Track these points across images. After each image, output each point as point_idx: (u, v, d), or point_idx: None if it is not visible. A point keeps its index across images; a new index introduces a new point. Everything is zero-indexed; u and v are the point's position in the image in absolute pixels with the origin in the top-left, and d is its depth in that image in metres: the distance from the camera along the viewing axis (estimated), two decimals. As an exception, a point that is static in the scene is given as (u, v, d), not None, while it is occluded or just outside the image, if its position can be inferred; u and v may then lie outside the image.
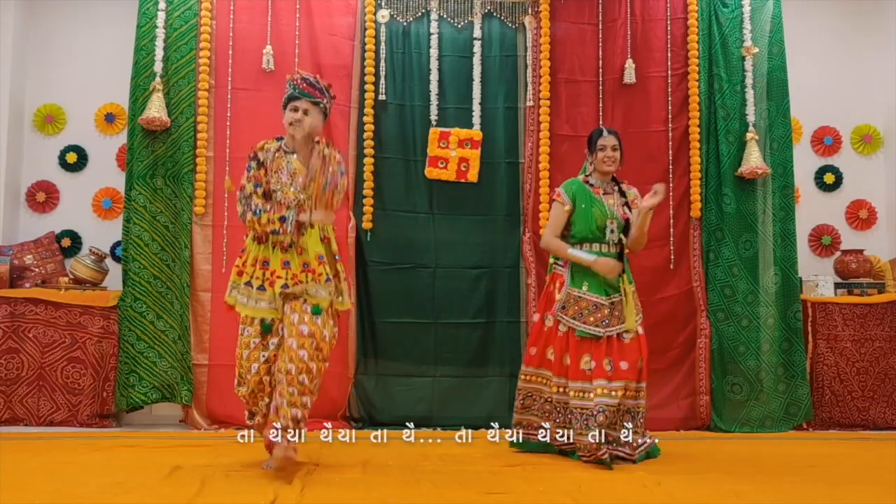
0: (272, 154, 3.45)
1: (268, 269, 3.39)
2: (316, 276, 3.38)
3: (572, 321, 3.85)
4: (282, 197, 3.39)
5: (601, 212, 3.92)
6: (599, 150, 4.00)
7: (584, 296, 3.86)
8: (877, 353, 5.17)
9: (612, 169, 4.01)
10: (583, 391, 3.78)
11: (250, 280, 3.41)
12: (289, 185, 3.39)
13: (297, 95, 3.42)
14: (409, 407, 4.89)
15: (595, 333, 3.80)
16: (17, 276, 5.03)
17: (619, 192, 4.04)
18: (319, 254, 3.42)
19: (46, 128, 5.47)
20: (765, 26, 5.31)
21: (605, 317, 3.82)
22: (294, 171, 3.41)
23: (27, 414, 4.79)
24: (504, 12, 5.36)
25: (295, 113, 3.42)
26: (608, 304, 3.84)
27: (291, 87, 3.46)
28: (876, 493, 3.24)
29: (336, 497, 3.02)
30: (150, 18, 5.03)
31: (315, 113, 3.43)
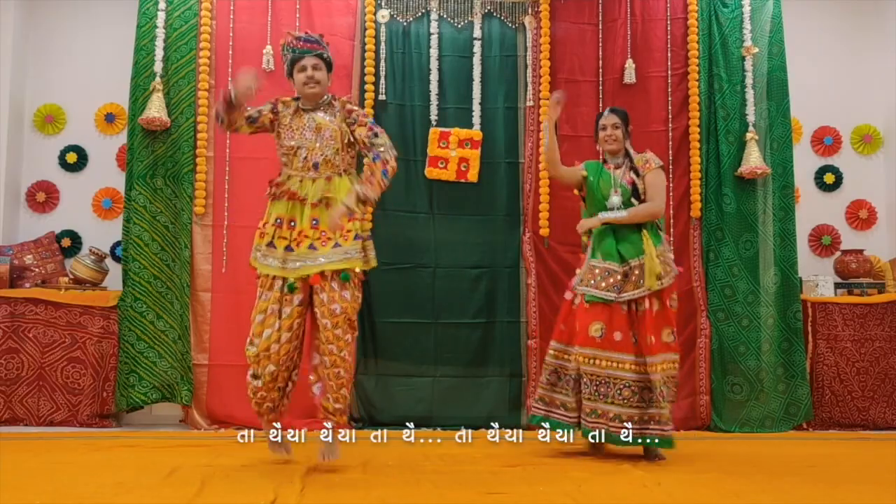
0: (291, 111, 3.46)
1: (294, 228, 3.36)
2: (345, 233, 3.34)
3: (585, 288, 3.92)
4: (307, 154, 3.38)
5: (605, 182, 4.02)
6: (601, 130, 4.11)
7: (599, 264, 3.93)
8: (877, 353, 5.18)
9: (614, 147, 4.08)
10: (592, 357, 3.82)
11: (272, 241, 3.38)
12: (314, 140, 3.39)
13: (301, 55, 3.43)
14: (409, 407, 4.89)
15: (605, 298, 3.84)
16: (17, 276, 5.03)
17: (629, 161, 4.08)
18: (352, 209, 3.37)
19: (46, 128, 5.47)
20: (765, 26, 5.31)
21: (618, 283, 3.86)
22: (317, 125, 3.41)
23: (27, 414, 4.79)
24: (504, 12, 5.36)
25: (304, 73, 3.42)
26: (622, 270, 3.88)
27: (290, 50, 3.46)
28: (876, 493, 3.24)
29: (336, 497, 3.02)
30: (150, 18, 5.03)
31: (322, 67, 3.45)
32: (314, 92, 3.44)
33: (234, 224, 4.94)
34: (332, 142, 3.41)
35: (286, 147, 3.45)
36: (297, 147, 3.41)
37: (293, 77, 3.49)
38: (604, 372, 3.82)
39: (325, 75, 3.48)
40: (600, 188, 4.02)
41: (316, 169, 3.40)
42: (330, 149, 3.40)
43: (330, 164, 3.40)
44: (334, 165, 3.41)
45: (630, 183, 3.99)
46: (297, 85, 3.47)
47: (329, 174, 3.41)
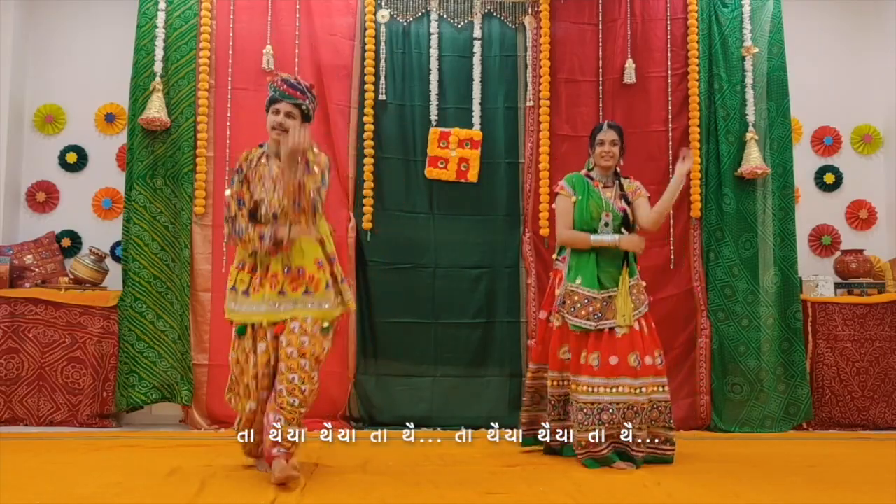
0: (255, 161, 3.38)
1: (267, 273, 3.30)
2: (315, 283, 3.30)
3: (567, 315, 3.85)
4: (267, 207, 3.29)
5: (597, 204, 3.92)
6: (598, 145, 4.00)
7: (578, 290, 3.84)
8: (877, 353, 5.17)
9: (610, 164, 4.00)
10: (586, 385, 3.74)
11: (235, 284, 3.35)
12: (272, 191, 3.29)
13: (279, 98, 3.33)
14: (409, 407, 4.89)
15: (585, 327, 3.79)
16: (17, 276, 5.03)
17: (618, 185, 4.02)
18: (318, 259, 3.34)
19: (46, 128, 5.47)
20: (765, 26, 5.31)
21: (598, 310, 3.79)
22: (276, 176, 3.29)
23: (27, 414, 4.79)
24: (504, 12, 5.36)
25: (276, 116, 3.33)
26: (601, 298, 3.81)
27: (272, 89, 3.38)
28: (876, 493, 3.24)
29: (336, 497, 3.02)
30: (150, 18, 5.04)
31: (297, 116, 3.32)
32: (278, 139, 3.31)
33: (234, 224, 4.93)
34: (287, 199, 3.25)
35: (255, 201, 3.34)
36: (260, 200, 3.31)
37: (267, 115, 3.38)
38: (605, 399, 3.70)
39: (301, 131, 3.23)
40: (590, 208, 3.91)
41: (275, 220, 3.27)
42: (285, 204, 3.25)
43: (286, 215, 3.26)
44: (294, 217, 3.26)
45: (622, 210, 3.94)
46: (267, 125, 3.37)
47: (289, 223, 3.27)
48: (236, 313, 3.36)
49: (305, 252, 3.32)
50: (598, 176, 4.02)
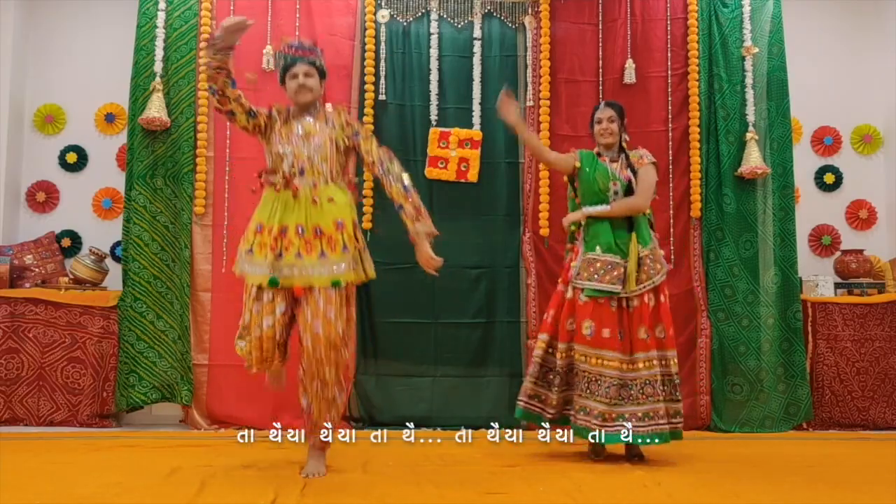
0: (282, 119, 3.42)
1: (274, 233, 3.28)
2: (331, 243, 3.28)
3: (587, 283, 3.87)
4: (293, 160, 3.33)
5: (603, 175, 3.99)
6: (596, 124, 4.09)
7: (599, 257, 3.89)
8: (877, 353, 5.17)
9: (610, 141, 4.05)
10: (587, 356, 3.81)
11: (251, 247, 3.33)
12: (302, 146, 3.34)
13: (292, 62, 3.40)
14: (409, 407, 4.89)
15: (613, 290, 3.81)
16: (17, 276, 5.03)
17: (624, 156, 4.08)
18: (338, 220, 3.32)
19: (46, 128, 5.47)
20: (765, 26, 5.31)
21: (622, 276, 3.83)
22: (307, 131, 3.37)
23: (27, 414, 4.79)
24: (504, 12, 5.36)
25: (295, 80, 3.39)
26: (624, 263, 3.86)
27: (282, 57, 3.44)
28: (876, 493, 3.24)
29: (336, 497, 3.02)
30: (150, 18, 5.04)
31: (314, 74, 3.41)
32: (306, 98, 3.40)
33: (234, 224, 4.93)
34: (321, 149, 3.35)
35: (274, 154, 3.39)
36: (284, 153, 3.35)
37: (285, 84, 3.45)
38: (594, 369, 3.80)
39: (318, 82, 3.43)
40: (597, 179, 3.98)
41: (301, 175, 3.32)
42: (317, 155, 3.34)
43: (316, 170, 3.33)
44: (320, 172, 3.34)
45: (627, 179, 3.99)
46: (289, 92, 3.43)
47: (314, 181, 3.33)
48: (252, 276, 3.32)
49: (324, 210, 3.31)
50: (604, 153, 4.10)
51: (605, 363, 3.79)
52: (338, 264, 3.29)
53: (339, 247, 3.30)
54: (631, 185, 3.99)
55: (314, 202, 3.29)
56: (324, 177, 3.35)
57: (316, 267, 3.26)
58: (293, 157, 3.34)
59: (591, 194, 3.99)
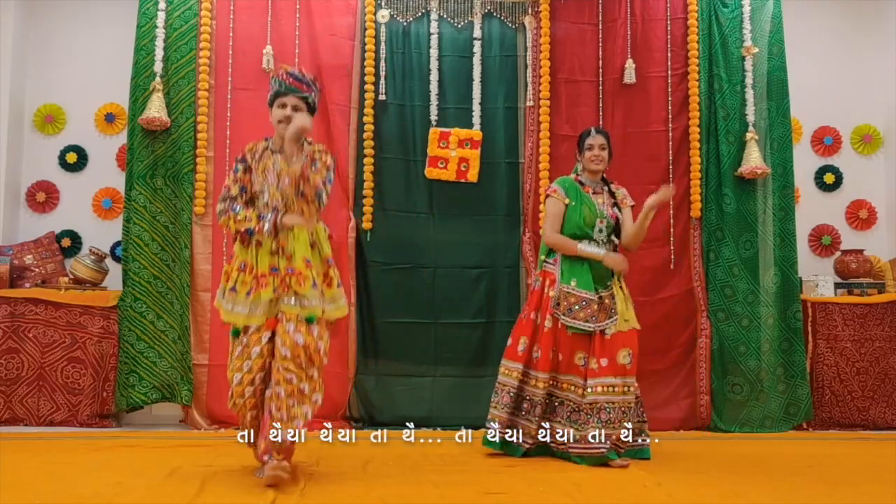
0: (259, 154, 3.34)
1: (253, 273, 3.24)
2: (301, 280, 3.23)
3: (563, 317, 3.85)
4: (268, 199, 3.27)
5: (591, 210, 3.95)
6: (587, 150, 4.05)
7: (574, 292, 3.87)
8: (877, 353, 5.17)
9: (599, 168, 4.05)
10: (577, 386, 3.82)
11: (235, 286, 3.27)
12: (275, 185, 3.26)
13: (284, 91, 3.32)
14: (409, 407, 4.89)
15: (585, 329, 3.82)
16: (17, 276, 5.03)
17: (608, 191, 4.06)
18: (307, 257, 3.28)
19: (46, 128, 5.47)
20: (765, 26, 5.31)
21: (595, 312, 3.83)
22: (281, 170, 3.28)
23: (27, 414, 4.79)
24: (504, 12, 5.36)
25: (283, 110, 3.30)
26: (597, 299, 3.85)
27: (276, 83, 3.35)
28: (876, 493, 3.24)
29: (336, 497, 3.02)
30: (150, 18, 5.04)
31: (303, 109, 3.31)
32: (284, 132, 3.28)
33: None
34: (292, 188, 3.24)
35: (254, 192, 3.31)
36: (261, 191, 3.29)
37: (272, 109, 3.36)
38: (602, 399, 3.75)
39: (305, 121, 3.25)
40: (584, 215, 3.93)
41: (275, 212, 3.24)
42: (289, 194, 3.23)
43: (290, 209, 3.23)
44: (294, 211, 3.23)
45: (613, 217, 3.97)
46: (273, 119, 3.34)
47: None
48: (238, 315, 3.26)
49: (296, 251, 3.26)
50: (586, 181, 4.06)
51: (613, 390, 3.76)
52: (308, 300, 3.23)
53: (308, 283, 3.24)
54: (618, 225, 3.95)
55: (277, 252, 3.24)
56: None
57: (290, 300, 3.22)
58: (268, 195, 3.28)
59: (577, 228, 3.93)
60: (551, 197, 4.04)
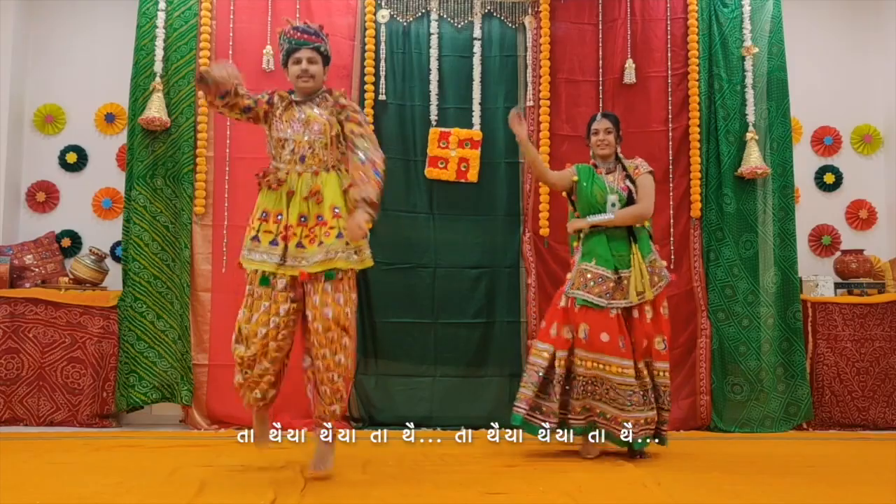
0: (284, 104, 3.37)
1: (281, 222, 3.26)
2: (328, 230, 3.23)
3: (577, 292, 3.92)
4: (294, 147, 3.30)
5: (600, 188, 4.03)
6: (593, 135, 4.12)
7: (591, 268, 3.94)
8: (877, 353, 5.17)
9: (606, 152, 4.09)
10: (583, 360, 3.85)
11: (257, 234, 3.28)
12: (302, 133, 3.31)
13: (297, 46, 3.35)
14: (410, 407, 4.89)
15: (597, 304, 3.86)
16: (17, 276, 5.03)
17: (621, 167, 4.11)
18: (335, 206, 3.28)
19: (46, 128, 5.47)
20: (765, 26, 5.31)
21: (610, 290, 3.88)
22: (307, 118, 3.33)
23: (27, 414, 4.79)
24: (504, 12, 5.36)
25: (298, 65, 3.35)
26: (615, 277, 3.90)
27: (286, 41, 3.38)
28: (876, 493, 3.24)
29: (336, 497, 3.02)
30: (150, 18, 5.04)
31: (318, 60, 3.37)
32: (307, 86, 3.37)
33: (234, 224, 4.93)
34: (321, 136, 3.31)
35: (275, 139, 3.36)
36: (285, 139, 3.33)
37: (287, 68, 3.41)
38: (590, 373, 3.84)
39: (321, 69, 3.40)
40: (594, 193, 4.02)
41: (302, 162, 3.29)
42: (318, 142, 3.31)
43: (317, 157, 3.30)
44: (321, 160, 3.30)
45: (626, 191, 4.02)
46: (291, 77, 3.40)
47: (316, 168, 3.30)
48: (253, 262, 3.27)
49: (325, 197, 3.27)
50: (599, 164, 4.14)
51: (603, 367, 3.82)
52: (334, 251, 3.23)
53: (333, 233, 3.24)
54: (631, 197, 4.01)
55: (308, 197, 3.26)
56: (325, 164, 3.32)
57: (316, 255, 3.23)
58: (294, 143, 3.32)
59: (589, 207, 4.03)
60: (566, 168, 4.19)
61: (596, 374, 3.83)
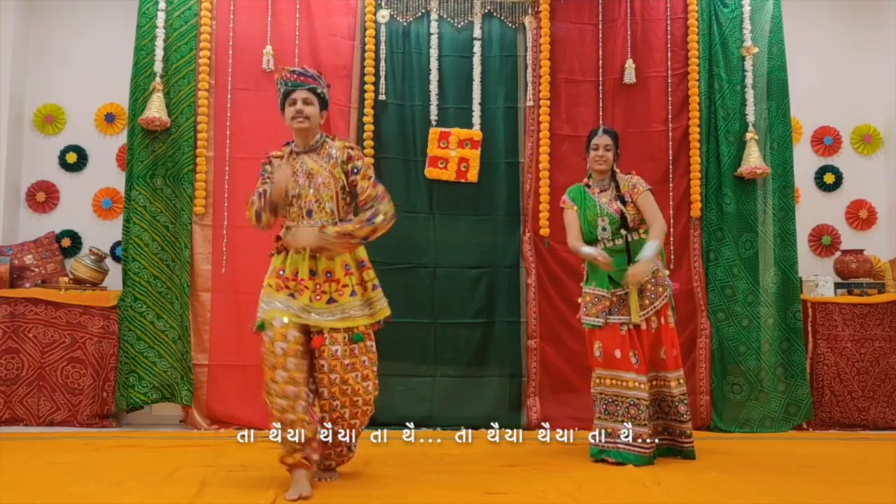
0: (285, 159, 3.32)
1: (297, 278, 3.18)
2: (340, 288, 3.20)
3: (584, 317, 3.97)
4: (303, 202, 3.24)
5: (592, 212, 4.01)
6: (592, 150, 4.07)
7: (590, 291, 3.98)
8: (877, 353, 5.17)
9: (603, 168, 4.06)
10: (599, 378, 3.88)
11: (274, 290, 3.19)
12: (307, 186, 3.24)
13: (292, 88, 3.29)
14: (410, 407, 4.88)
15: (594, 324, 3.89)
16: (17, 276, 5.03)
17: (614, 186, 4.06)
18: (346, 263, 3.24)
19: (46, 128, 5.47)
20: (765, 26, 5.31)
21: (606, 308, 3.90)
22: (309, 170, 3.26)
23: (27, 414, 4.79)
24: (504, 12, 5.36)
25: (293, 106, 3.28)
26: (610, 296, 3.91)
27: (283, 83, 3.34)
28: (876, 493, 3.24)
29: (336, 497, 3.02)
30: (150, 18, 5.04)
31: (314, 102, 3.30)
32: (303, 127, 3.27)
33: (234, 224, 4.94)
34: (326, 189, 3.24)
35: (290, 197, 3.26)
36: (296, 196, 3.26)
37: (284, 112, 3.34)
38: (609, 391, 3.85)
39: (317, 111, 3.30)
40: (587, 217, 4.00)
41: (310, 216, 3.23)
42: (324, 195, 3.24)
43: (324, 211, 3.23)
44: (328, 212, 3.24)
45: (617, 212, 3.98)
46: (287, 120, 3.32)
47: (323, 222, 3.22)
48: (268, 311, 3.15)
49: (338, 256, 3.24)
50: (594, 182, 4.10)
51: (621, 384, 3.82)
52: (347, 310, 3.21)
53: (347, 291, 3.22)
54: (624, 219, 3.96)
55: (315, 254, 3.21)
56: (333, 217, 3.25)
57: (324, 314, 3.18)
58: (301, 199, 3.25)
59: (588, 231, 4.01)
60: (564, 209, 4.13)
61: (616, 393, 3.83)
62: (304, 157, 3.32)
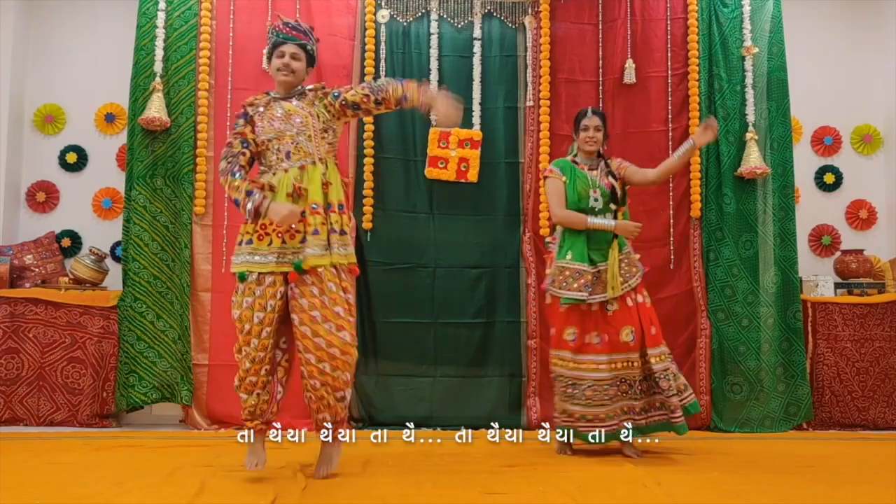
0: (262, 106, 3.34)
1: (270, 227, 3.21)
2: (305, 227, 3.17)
3: (558, 290, 3.93)
4: (281, 144, 3.24)
5: (584, 183, 4.01)
6: (582, 130, 4.09)
7: (569, 265, 3.93)
8: (877, 353, 5.17)
9: (593, 149, 4.09)
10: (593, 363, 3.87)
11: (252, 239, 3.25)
12: (284, 128, 3.26)
13: (283, 40, 3.34)
14: (410, 407, 4.89)
15: (579, 298, 3.86)
16: (17, 276, 5.03)
17: (604, 164, 4.10)
18: (314, 202, 3.20)
19: (46, 128, 5.47)
20: (765, 26, 5.31)
21: (589, 283, 3.88)
22: (285, 112, 3.28)
23: (27, 414, 4.79)
24: (504, 12, 5.36)
25: (282, 58, 3.32)
26: (592, 271, 3.91)
27: (274, 34, 3.36)
28: (876, 493, 3.24)
29: (336, 497, 3.02)
30: (150, 18, 5.04)
31: (302, 57, 3.35)
32: (286, 80, 3.32)
33: (234, 224, 4.94)
34: (304, 128, 3.26)
35: (263, 143, 3.30)
36: (268, 140, 3.28)
37: (271, 62, 3.38)
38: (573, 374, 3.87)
39: (303, 67, 3.35)
40: (577, 189, 4.00)
41: (288, 158, 3.24)
42: (302, 135, 3.25)
43: (302, 151, 3.24)
44: (307, 153, 3.25)
45: (608, 186, 4.01)
46: (272, 70, 3.36)
47: (302, 162, 3.24)
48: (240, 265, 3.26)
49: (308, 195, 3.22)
50: (581, 160, 4.12)
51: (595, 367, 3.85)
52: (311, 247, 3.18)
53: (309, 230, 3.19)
54: (614, 193, 4.00)
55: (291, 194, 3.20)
56: (311, 157, 3.26)
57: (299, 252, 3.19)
58: (277, 141, 3.27)
59: (571, 202, 4.00)
60: (549, 177, 4.10)
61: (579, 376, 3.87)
62: (281, 101, 3.34)
